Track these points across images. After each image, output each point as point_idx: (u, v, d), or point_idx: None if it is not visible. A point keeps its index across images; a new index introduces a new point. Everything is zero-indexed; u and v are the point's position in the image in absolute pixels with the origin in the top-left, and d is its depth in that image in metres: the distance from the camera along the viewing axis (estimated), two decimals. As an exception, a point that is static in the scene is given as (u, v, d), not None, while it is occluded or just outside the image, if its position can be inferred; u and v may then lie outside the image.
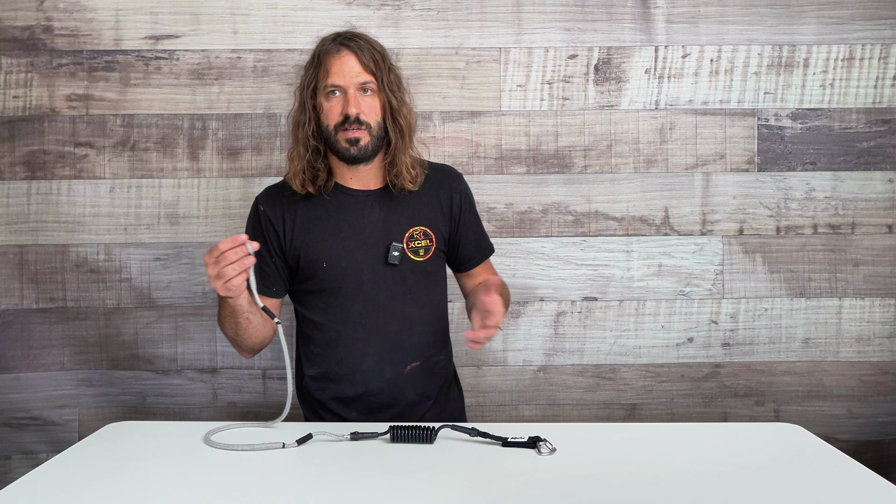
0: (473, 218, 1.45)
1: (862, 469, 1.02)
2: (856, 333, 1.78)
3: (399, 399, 1.34)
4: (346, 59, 1.28)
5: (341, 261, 1.33)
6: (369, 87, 1.29)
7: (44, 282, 1.75)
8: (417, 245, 1.35)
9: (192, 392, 1.77)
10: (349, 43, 1.30)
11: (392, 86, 1.31)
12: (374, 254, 1.33)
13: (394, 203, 1.36)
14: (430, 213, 1.38)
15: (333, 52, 1.29)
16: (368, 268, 1.33)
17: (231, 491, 0.95)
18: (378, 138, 1.32)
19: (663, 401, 1.79)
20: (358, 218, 1.35)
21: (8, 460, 1.76)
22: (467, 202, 1.44)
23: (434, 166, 1.44)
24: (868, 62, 1.76)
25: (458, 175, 1.46)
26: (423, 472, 1.01)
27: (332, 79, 1.28)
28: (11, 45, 1.73)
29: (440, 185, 1.40)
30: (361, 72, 1.28)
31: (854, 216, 1.77)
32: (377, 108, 1.31)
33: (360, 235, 1.34)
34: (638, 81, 1.76)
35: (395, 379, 1.34)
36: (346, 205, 1.36)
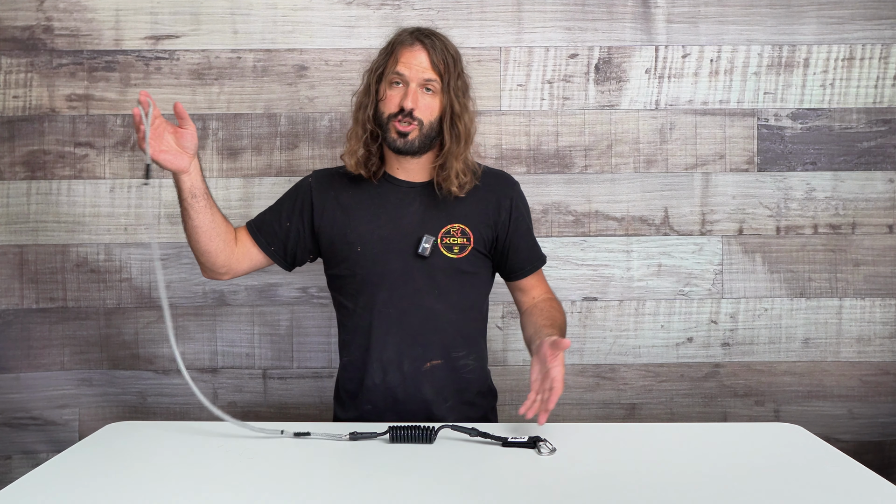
0: (526, 227, 1.41)
1: (863, 470, 1.02)
2: (856, 333, 1.78)
3: (415, 395, 1.33)
4: (416, 53, 1.30)
5: (374, 247, 1.34)
6: (432, 86, 1.31)
7: (44, 282, 1.75)
8: (452, 242, 1.34)
9: (192, 392, 1.76)
10: (424, 39, 1.31)
11: (458, 91, 1.33)
12: (407, 244, 1.33)
13: (436, 198, 1.36)
14: (473, 214, 1.36)
15: (407, 43, 1.32)
16: (398, 257, 1.33)
17: (231, 491, 0.95)
18: (428, 137, 1.32)
19: (663, 401, 1.79)
20: (398, 208, 1.36)
21: (8, 460, 1.76)
22: (519, 210, 1.40)
23: (489, 171, 1.43)
24: (868, 62, 1.76)
25: (512, 182, 1.43)
26: (422, 472, 1.01)
27: (399, 68, 1.30)
28: (11, 45, 1.73)
29: (491, 190, 1.38)
30: (428, 69, 1.30)
31: (854, 216, 1.77)
32: (435, 108, 1.32)
33: (397, 225, 1.35)
34: (638, 81, 1.76)
35: (412, 374, 1.33)
36: (389, 194, 1.38)
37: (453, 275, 1.34)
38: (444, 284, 1.34)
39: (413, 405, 1.34)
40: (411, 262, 1.33)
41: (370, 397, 1.35)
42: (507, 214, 1.38)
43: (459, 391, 1.37)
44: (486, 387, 1.44)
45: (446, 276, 1.34)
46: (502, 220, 1.37)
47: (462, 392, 1.37)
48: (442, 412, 1.34)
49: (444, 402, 1.35)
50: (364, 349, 1.35)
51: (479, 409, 1.40)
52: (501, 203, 1.38)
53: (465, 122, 1.33)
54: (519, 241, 1.39)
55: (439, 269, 1.33)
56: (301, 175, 1.74)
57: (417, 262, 1.33)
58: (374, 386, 1.34)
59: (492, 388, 1.45)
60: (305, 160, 1.76)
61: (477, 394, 1.40)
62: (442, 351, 1.34)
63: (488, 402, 1.43)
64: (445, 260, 1.33)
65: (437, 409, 1.34)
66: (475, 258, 1.36)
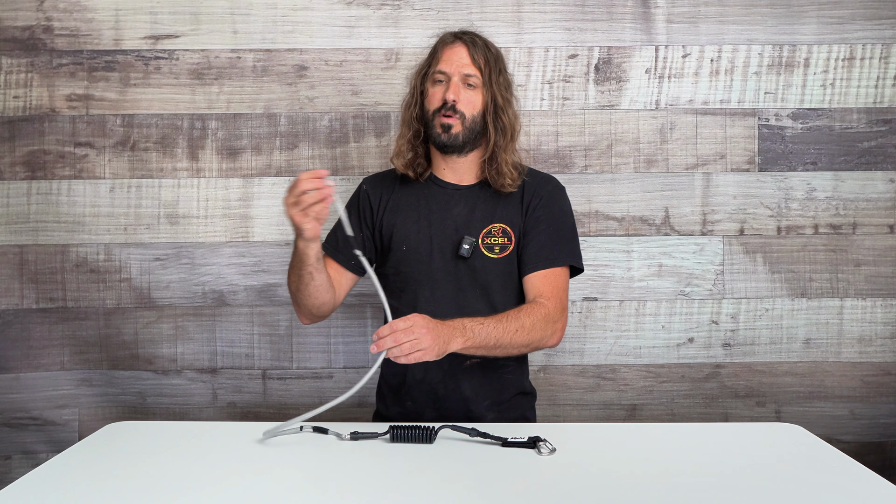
0: (548, 225, 1.37)
1: (864, 470, 1.01)
2: (857, 334, 1.78)
3: (455, 392, 1.35)
4: (457, 50, 1.35)
5: (420, 247, 1.37)
6: (473, 81, 1.34)
7: (44, 282, 1.75)
8: (493, 242, 1.36)
9: (191, 392, 1.77)
10: (464, 37, 1.37)
11: (500, 86, 1.35)
12: (449, 245, 1.36)
13: (480, 200, 1.39)
14: (514, 214, 1.37)
15: (448, 42, 1.37)
16: (441, 257, 1.36)
17: (230, 490, 0.95)
18: (471, 131, 1.34)
19: (664, 401, 1.79)
20: (443, 209, 1.39)
21: (8, 460, 1.76)
22: (544, 207, 1.37)
23: (533, 173, 1.44)
24: (869, 62, 1.75)
25: (552, 181, 1.43)
26: (423, 472, 1.01)
27: (440, 66, 1.35)
28: (11, 45, 1.73)
29: (529, 189, 1.39)
30: (468, 64, 1.34)
31: (855, 216, 1.77)
32: (477, 102, 1.35)
33: (441, 226, 1.37)
34: (638, 81, 1.76)
35: (452, 371, 1.34)
36: (436, 195, 1.41)
37: (495, 275, 1.36)
38: (485, 284, 1.35)
39: (452, 402, 1.35)
40: (453, 262, 1.35)
41: (412, 393, 1.37)
42: (529, 206, 1.38)
43: (498, 391, 1.38)
44: (525, 387, 1.44)
45: (488, 276, 1.35)
46: (526, 212, 1.38)
47: (500, 392, 1.38)
48: (481, 410, 1.35)
49: (482, 400, 1.36)
50: None
51: (517, 409, 1.41)
52: (532, 202, 1.38)
53: (509, 115, 1.36)
54: (531, 239, 1.36)
55: (480, 270, 1.35)
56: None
57: (459, 263, 1.35)
58: (416, 382, 1.36)
59: (530, 389, 1.45)
60: (305, 160, 1.76)
61: (516, 394, 1.41)
62: None
63: (527, 402, 1.44)
64: (486, 260, 1.35)
65: (476, 408, 1.35)
66: (515, 259, 1.37)
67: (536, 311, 1.28)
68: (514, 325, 1.24)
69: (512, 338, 1.24)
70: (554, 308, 1.31)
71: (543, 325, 1.27)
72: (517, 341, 1.24)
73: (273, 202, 1.76)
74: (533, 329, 1.26)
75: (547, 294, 1.33)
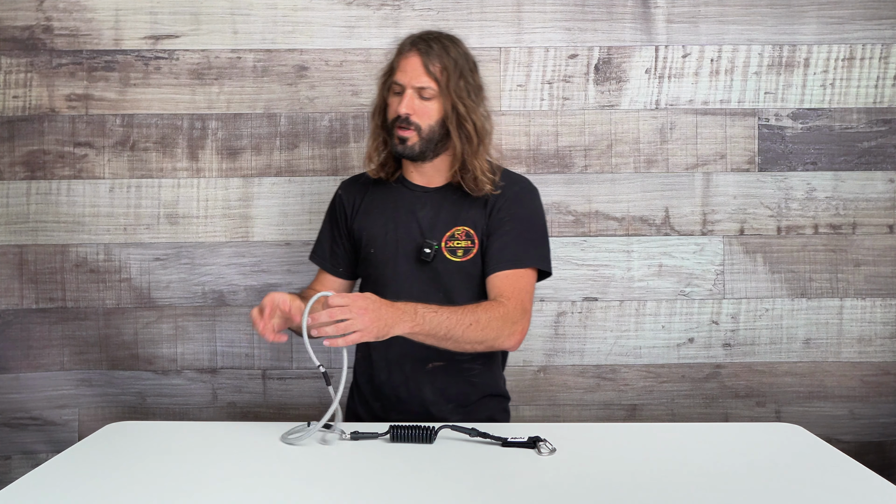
0: (513, 226, 1.34)
1: (864, 470, 1.01)
2: (857, 334, 1.78)
3: (416, 395, 1.35)
4: (411, 61, 1.32)
5: (386, 250, 1.37)
6: (428, 93, 1.31)
7: (44, 282, 1.75)
8: (457, 245, 1.35)
9: (191, 392, 1.77)
10: (420, 45, 1.33)
11: (461, 91, 1.32)
12: (413, 248, 1.35)
13: (446, 202, 1.38)
14: (476, 216, 1.36)
15: (405, 51, 1.34)
16: (405, 261, 1.36)
17: (230, 490, 0.95)
18: (429, 141, 1.33)
19: (664, 401, 1.79)
20: (410, 212, 1.38)
21: (8, 460, 1.76)
22: (509, 208, 1.35)
23: (507, 174, 1.41)
24: (868, 62, 1.75)
25: (521, 182, 1.40)
26: (423, 472, 1.01)
27: (396, 76, 1.34)
28: (11, 45, 1.73)
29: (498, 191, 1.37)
30: (422, 75, 1.31)
31: (855, 216, 1.77)
32: (433, 112, 1.32)
33: (407, 229, 1.37)
34: (638, 81, 1.76)
35: (413, 374, 1.35)
36: (404, 197, 1.41)
37: (459, 278, 1.35)
38: (448, 287, 1.34)
39: (413, 405, 1.35)
40: (416, 265, 1.35)
41: (379, 394, 1.39)
42: (493, 207, 1.35)
43: (463, 394, 1.37)
44: (497, 390, 1.42)
45: (451, 279, 1.34)
46: (489, 217, 1.35)
47: (466, 395, 1.37)
48: (442, 413, 1.34)
49: (445, 403, 1.35)
50: (370, 347, 1.38)
51: (485, 412, 1.39)
52: (496, 202, 1.36)
53: (473, 122, 1.33)
54: (494, 239, 1.34)
55: (444, 272, 1.34)
56: (301, 175, 1.75)
57: (422, 266, 1.34)
58: (382, 383, 1.37)
59: (502, 391, 1.43)
60: (305, 160, 1.76)
61: (483, 397, 1.39)
62: (444, 352, 1.32)
63: (497, 405, 1.42)
64: (450, 264, 1.34)
65: (437, 411, 1.35)
66: (480, 261, 1.35)
67: (495, 308, 1.25)
68: (469, 318, 1.21)
69: (465, 331, 1.20)
70: (514, 308, 1.27)
71: (500, 323, 1.24)
72: (470, 336, 1.21)
73: (273, 202, 1.76)
74: (488, 326, 1.23)
75: (508, 294, 1.29)
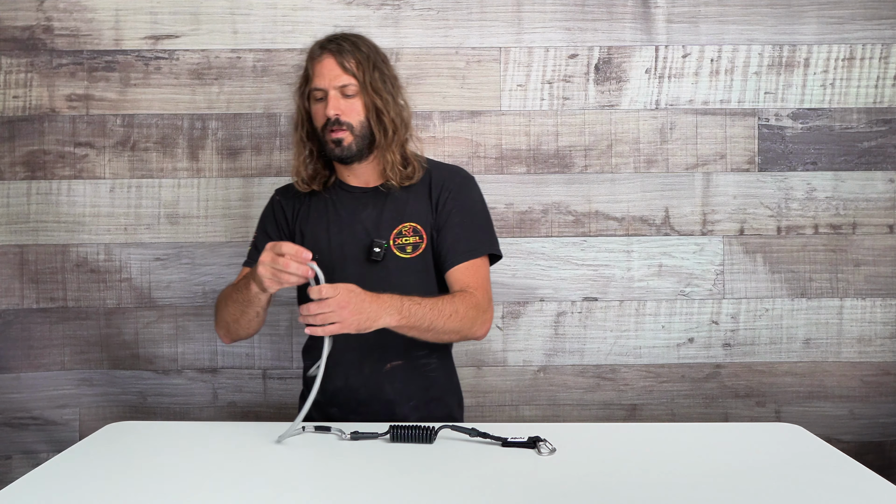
0: (461, 217, 1.37)
1: (864, 470, 1.02)
2: (857, 334, 1.78)
3: (377, 396, 1.34)
4: (326, 63, 1.32)
5: (331, 254, 1.36)
6: (349, 90, 1.32)
7: (44, 282, 1.75)
8: (405, 242, 1.35)
9: (192, 392, 1.77)
10: (330, 46, 1.33)
11: (377, 85, 1.33)
12: (360, 249, 1.35)
13: (388, 200, 1.38)
14: (422, 211, 1.37)
15: (316, 56, 1.34)
16: (353, 263, 1.35)
17: (230, 490, 0.95)
18: (363, 137, 1.34)
19: (664, 401, 1.79)
20: (351, 214, 1.38)
21: (8, 460, 1.76)
22: (454, 199, 1.37)
23: (438, 165, 1.43)
24: (869, 62, 1.75)
25: (459, 173, 1.42)
26: (423, 472, 1.01)
27: (314, 82, 1.33)
28: (11, 45, 1.73)
29: (435, 184, 1.39)
30: (340, 74, 1.31)
31: (855, 216, 1.77)
32: (359, 108, 1.33)
33: (351, 231, 1.37)
34: (638, 81, 1.76)
35: (373, 375, 1.34)
36: (344, 201, 1.40)
37: (409, 275, 1.35)
38: (399, 285, 1.32)
39: (376, 406, 1.34)
40: (366, 266, 1.34)
41: (334, 400, 1.36)
42: (441, 204, 1.37)
43: (423, 389, 1.37)
44: (452, 384, 1.44)
45: (402, 276, 1.34)
46: (436, 208, 1.37)
47: (427, 390, 1.38)
48: (405, 411, 1.35)
49: (407, 401, 1.36)
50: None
51: (444, 408, 1.40)
52: (440, 196, 1.37)
53: (389, 114, 1.34)
54: (446, 233, 1.35)
55: (395, 271, 1.34)
56: (301, 175, 1.75)
57: (372, 267, 1.34)
58: (338, 389, 1.35)
59: (456, 387, 1.45)
60: (305, 160, 1.76)
61: (442, 390, 1.40)
62: (402, 352, 1.34)
63: (454, 400, 1.43)
64: (400, 261, 1.34)
65: (400, 409, 1.35)
66: (430, 255, 1.36)
67: (468, 299, 1.29)
68: (449, 309, 1.25)
69: (445, 322, 1.24)
70: (482, 298, 1.32)
71: (475, 313, 1.28)
72: (450, 326, 1.25)
73: (273, 202, 1.76)
74: (465, 316, 1.27)
75: (473, 285, 1.33)
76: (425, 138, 1.75)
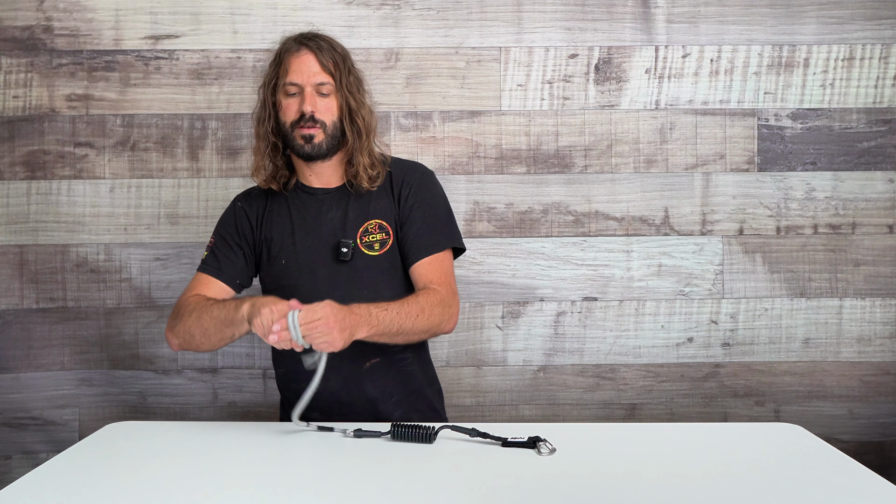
0: (423, 213, 1.37)
1: (863, 470, 1.02)
2: (856, 334, 1.78)
3: (359, 395, 1.34)
4: (305, 59, 1.32)
5: (298, 257, 1.36)
6: (326, 89, 1.32)
7: (44, 282, 1.75)
8: (372, 239, 1.35)
9: (192, 392, 1.77)
10: (309, 43, 1.33)
11: (351, 87, 1.34)
12: (328, 250, 1.35)
13: (351, 199, 1.38)
14: (386, 207, 1.37)
15: (294, 51, 1.33)
16: (322, 265, 1.34)
17: (230, 489, 0.95)
18: (333, 137, 1.34)
19: (663, 401, 1.79)
20: (316, 216, 1.38)
21: (8, 460, 1.76)
22: (415, 195, 1.37)
23: (398, 162, 1.44)
24: (868, 62, 1.76)
25: (418, 169, 1.42)
26: (423, 471, 1.01)
27: (290, 77, 1.32)
28: (11, 45, 1.73)
29: (397, 181, 1.39)
30: (319, 72, 1.31)
31: (854, 216, 1.77)
32: (333, 108, 1.33)
33: (317, 233, 1.36)
34: (638, 81, 1.76)
35: (353, 375, 1.33)
36: (306, 203, 1.39)
37: (379, 272, 1.35)
38: (370, 283, 1.34)
39: (358, 405, 1.34)
40: (335, 267, 1.34)
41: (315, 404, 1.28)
42: (403, 199, 1.37)
43: (403, 384, 1.37)
44: (429, 376, 1.44)
45: (371, 274, 1.34)
46: (399, 208, 1.37)
47: (406, 384, 1.38)
48: (388, 408, 1.35)
49: (389, 398, 1.36)
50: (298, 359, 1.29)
51: (425, 401, 1.40)
52: (402, 192, 1.38)
53: (362, 116, 1.35)
54: (408, 229, 1.36)
55: (364, 269, 1.34)
56: (301, 175, 1.74)
57: (341, 267, 1.33)
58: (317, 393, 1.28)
59: (435, 380, 1.45)
60: (305, 160, 1.76)
61: (421, 383, 1.40)
62: (379, 348, 1.33)
63: (434, 391, 1.44)
64: (368, 259, 1.34)
65: (383, 406, 1.35)
66: (396, 251, 1.36)
67: (433, 296, 1.29)
68: (415, 309, 1.25)
69: (414, 323, 1.24)
70: (447, 293, 1.32)
71: (441, 309, 1.29)
72: (418, 326, 1.25)
73: (273, 202, 1.76)
74: (432, 314, 1.27)
75: (437, 280, 1.33)
76: (425, 138, 1.75)
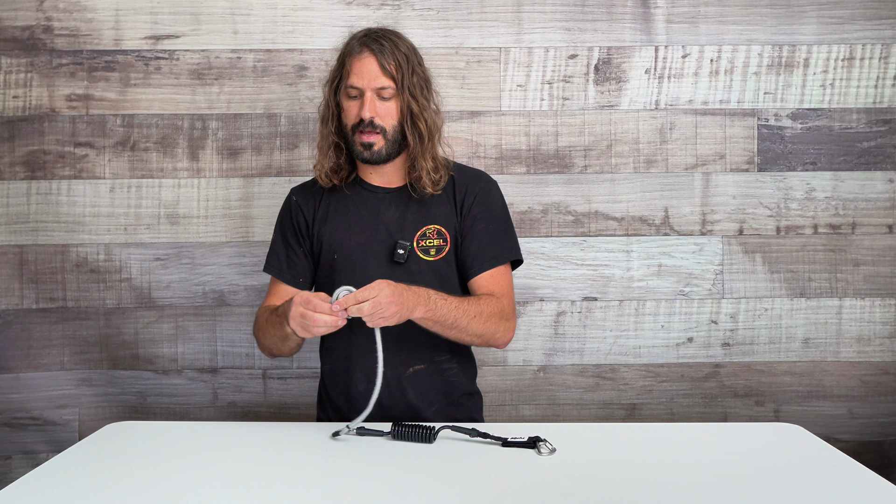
0: (485, 225, 1.36)
1: (862, 469, 1.02)
2: (856, 333, 1.78)
3: (400, 400, 1.33)
4: (366, 62, 1.29)
5: (352, 254, 1.35)
6: (387, 93, 1.30)
7: (44, 282, 1.75)
8: (429, 244, 1.34)
9: (192, 392, 1.77)
10: (372, 45, 1.30)
11: (414, 89, 1.31)
12: (384, 250, 1.33)
13: (412, 202, 1.36)
14: (447, 214, 1.36)
15: (356, 52, 1.31)
16: (375, 264, 1.33)
17: (230, 490, 0.95)
18: (395, 142, 1.32)
19: (663, 401, 1.79)
20: (374, 214, 1.36)
21: (8, 460, 1.76)
22: (480, 206, 1.36)
23: (462, 168, 1.42)
24: (868, 62, 1.76)
25: (483, 177, 1.41)
26: (423, 471, 1.01)
27: (351, 80, 1.30)
28: (11, 45, 1.73)
29: (461, 188, 1.37)
30: (380, 76, 1.29)
31: (854, 216, 1.77)
32: (394, 113, 1.31)
33: (373, 231, 1.35)
34: (638, 81, 1.76)
35: (395, 379, 1.32)
36: (365, 200, 1.38)
37: (433, 277, 1.33)
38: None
39: (398, 410, 1.33)
40: (389, 268, 1.32)
41: (356, 405, 1.32)
42: (467, 209, 1.36)
43: (444, 394, 1.36)
44: (472, 388, 1.43)
45: (426, 279, 1.32)
46: (463, 214, 1.36)
47: (447, 395, 1.37)
48: (428, 416, 1.34)
49: (429, 405, 1.35)
50: (346, 357, 1.34)
51: (465, 410, 1.39)
52: (466, 199, 1.36)
53: (425, 120, 1.32)
54: (471, 240, 1.35)
55: (419, 273, 1.32)
56: (301, 175, 1.75)
57: (395, 268, 1.32)
58: (359, 394, 1.33)
59: (476, 390, 1.44)
60: (305, 160, 1.76)
61: (462, 395, 1.39)
62: (425, 355, 1.33)
63: (474, 403, 1.43)
64: (423, 263, 1.33)
65: (424, 413, 1.34)
66: (453, 259, 1.35)
67: (495, 303, 1.29)
68: (475, 309, 1.25)
69: (469, 322, 1.24)
70: (508, 305, 1.32)
71: (499, 319, 1.29)
72: (473, 328, 1.25)
73: (273, 202, 1.76)
74: (489, 320, 1.27)
75: (499, 292, 1.33)
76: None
